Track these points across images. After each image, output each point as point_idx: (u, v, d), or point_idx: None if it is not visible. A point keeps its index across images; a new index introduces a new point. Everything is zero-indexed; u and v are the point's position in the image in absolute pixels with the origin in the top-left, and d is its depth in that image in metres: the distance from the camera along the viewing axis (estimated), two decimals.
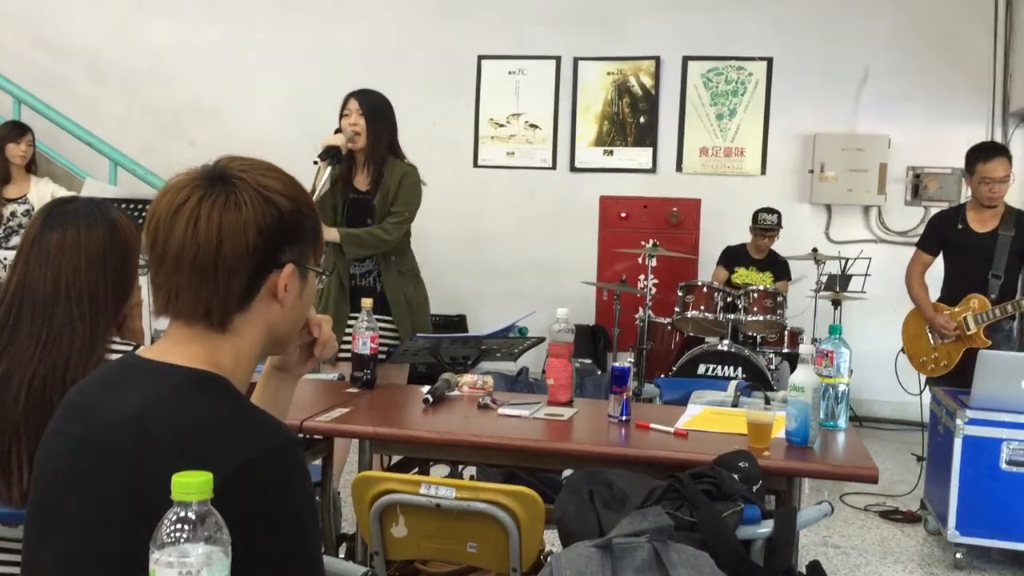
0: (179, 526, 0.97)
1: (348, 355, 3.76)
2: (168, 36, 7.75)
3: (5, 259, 4.74)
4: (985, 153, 4.45)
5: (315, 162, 3.67)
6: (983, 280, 4.42)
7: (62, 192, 5.43)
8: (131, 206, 4.55)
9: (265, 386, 1.57)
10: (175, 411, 1.19)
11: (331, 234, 3.68)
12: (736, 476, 2.09)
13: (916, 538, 4.31)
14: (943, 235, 4.61)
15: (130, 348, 1.88)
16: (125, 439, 1.17)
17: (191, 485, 0.96)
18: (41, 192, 5.34)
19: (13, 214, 5.27)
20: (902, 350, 4.75)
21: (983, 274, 4.42)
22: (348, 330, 3.81)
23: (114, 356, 1.84)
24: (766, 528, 2.01)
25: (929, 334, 4.60)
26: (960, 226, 4.53)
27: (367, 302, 3.17)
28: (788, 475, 2.34)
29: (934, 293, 4.66)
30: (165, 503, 0.99)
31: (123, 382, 1.26)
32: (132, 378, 1.26)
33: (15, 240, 5.19)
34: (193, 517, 0.97)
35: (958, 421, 3.89)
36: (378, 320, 3.34)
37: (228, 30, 7.69)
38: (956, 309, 4.50)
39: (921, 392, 4.79)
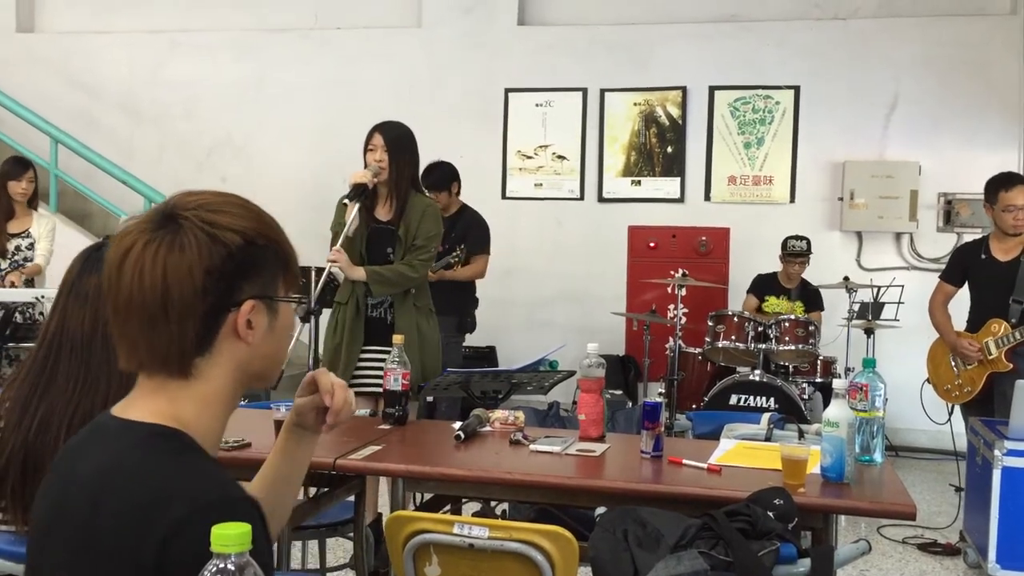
0: None
1: (364, 389, 3.77)
2: (200, 75, 7.89)
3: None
4: (1006, 182, 4.50)
5: (344, 203, 3.69)
6: (1004, 306, 4.45)
7: (62, 225, 5.54)
8: None
9: (285, 441, 1.54)
10: (120, 475, 1.16)
11: (358, 273, 3.67)
12: (771, 514, 2.07)
13: (956, 571, 4.23)
14: (967, 266, 4.66)
15: None
16: (81, 505, 1.16)
17: (229, 537, 0.97)
18: (43, 226, 5.42)
19: (18, 248, 5.36)
20: (927, 380, 4.75)
21: (1004, 300, 4.45)
22: (360, 363, 3.79)
23: None
24: (803, 567, 1.99)
25: (952, 361, 4.62)
26: (984, 256, 4.57)
27: (399, 338, 3.16)
28: (824, 512, 2.31)
29: (960, 324, 4.67)
30: (114, 570, 0.99)
31: (91, 443, 1.25)
32: (98, 439, 1.24)
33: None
34: (232, 568, 0.98)
35: (996, 452, 3.83)
36: (383, 352, 3.23)
37: (258, 67, 7.82)
38: (978, 334, 4.53)
39: (949, 420, 4.75)
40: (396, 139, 3.74)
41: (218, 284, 1.20)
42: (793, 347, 5.68)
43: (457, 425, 2.94)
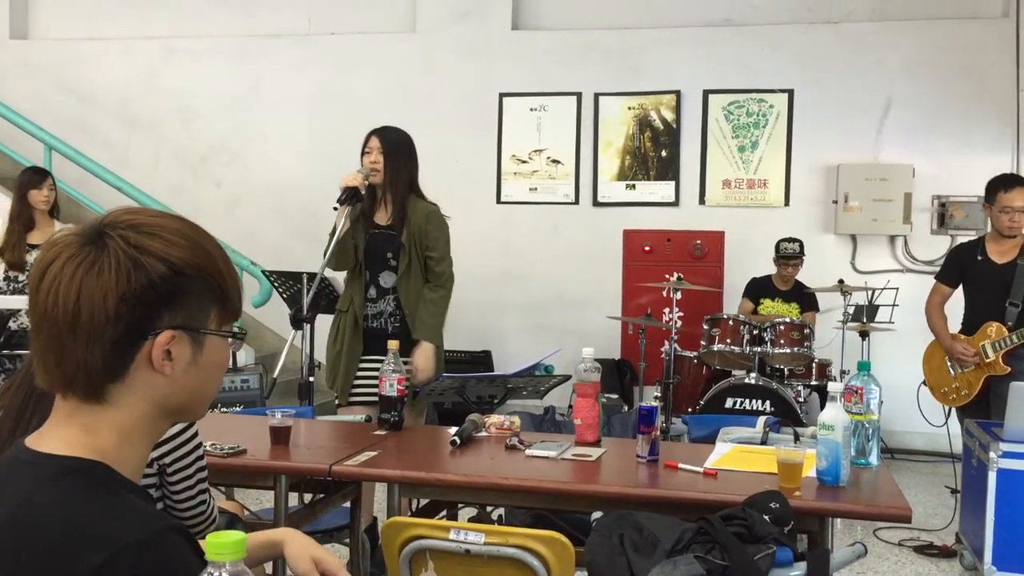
0: None
1: (364, 399, 3.76)
2: (194, 81, 7.89)
3: None
4: (1006, 183, 4.49)
5: (334, 208, 3.68)
6: (1000, 309, 4.45)
7: None
8: None
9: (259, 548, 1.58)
10: (36, 516, 1.10)
11: (430, 357, 3.71)
12: (767, 517, 2.07)
13: (952, 574, 4.24)
14: (963, 266, 4.64)
15: None
16: (4, 555, 1.10)
17: (224, 545, 0.97)
18: None
19: None
20: (924, 382, 4.75)
21: (1001, 303, 4.45)
22: (360, 373, 3.79)
23: None
24: (799, 571, 1.99)
25: (949, 364, 4.61)
26: (980, 257, 4.56)
27: (393, 344, 3.16)
28: (820, 516, 2.31)
29: (955, 326, 4.66)
30: None
31: (6, 478, 1.18)
32: (13, 474, 1.17)
33: None
34: None
35: (992, 454, 3.84)
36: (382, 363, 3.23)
37: (253, 73, 7.82)
38: (973, 337, 4.51)
39: (946, 423, 4.76)
40: (392, 142, 3.75)
41: (133, 311, 1.14)
42: (788, 350, 5.69)
43: (453, 430, 2.94)
